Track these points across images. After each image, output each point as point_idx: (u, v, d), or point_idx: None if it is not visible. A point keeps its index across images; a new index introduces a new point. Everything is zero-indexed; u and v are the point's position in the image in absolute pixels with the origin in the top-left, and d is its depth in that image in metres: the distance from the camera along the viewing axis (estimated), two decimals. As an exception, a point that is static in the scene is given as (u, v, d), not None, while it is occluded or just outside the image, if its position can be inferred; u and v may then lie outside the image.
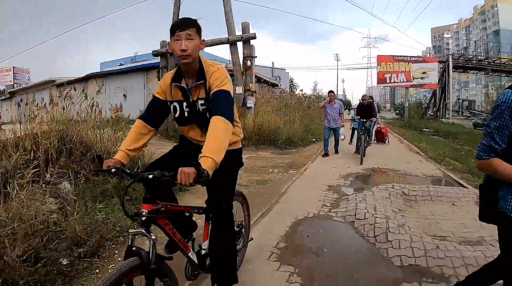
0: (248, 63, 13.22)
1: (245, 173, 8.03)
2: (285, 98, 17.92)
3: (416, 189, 6.38)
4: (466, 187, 6.90)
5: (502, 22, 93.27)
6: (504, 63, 41.66)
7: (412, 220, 5.02)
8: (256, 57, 13.80)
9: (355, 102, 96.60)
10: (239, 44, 13.72)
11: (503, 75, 45.00)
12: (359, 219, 4.86)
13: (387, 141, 13.34)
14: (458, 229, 4.73)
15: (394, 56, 35.08)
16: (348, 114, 56.61)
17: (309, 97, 32.35)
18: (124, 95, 19.71)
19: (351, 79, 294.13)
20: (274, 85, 27.31)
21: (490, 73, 44.75)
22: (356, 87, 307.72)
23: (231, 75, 15.71)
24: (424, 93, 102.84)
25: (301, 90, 39.20)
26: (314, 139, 14.69)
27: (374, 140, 13.50)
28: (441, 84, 38.17)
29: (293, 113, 16.16)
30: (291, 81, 62.36)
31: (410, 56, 35.25)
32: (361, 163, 9.12)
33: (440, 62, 38.31)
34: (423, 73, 34.62)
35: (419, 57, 36.56)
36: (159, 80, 15.89)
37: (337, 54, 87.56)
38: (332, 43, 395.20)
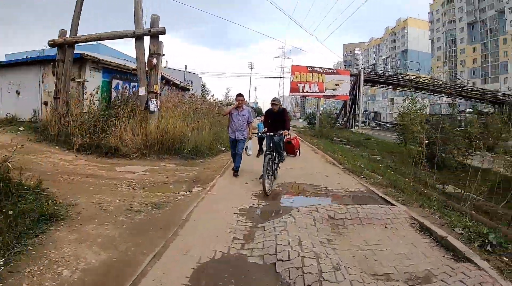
0: (154, 61, 11.51)
1: (140, 191, 6.53)
2: (194, 103, 16.47)
3: (343, 211, 5.50)
4: (394, 205, 6.20)
5: (410, 43, 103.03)
6: (412, 79, 44.43)
7: (345, 254, 4.14)
8: (163, 55, 12.15)
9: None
10: (146, 40, 12.03)
11: (410, 90, 47.96)
12: (282, 260, 3.69)
13: (298, 153, 12.15)
14: (400, 262, 4.03)
15: (308, 67, 35.38)
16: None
17: (221, 103, 31.40)
18: (17, 91, 16.74)
19: (263, 88, 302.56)
20: (185, 89, 25.64)
21: (398, 88, 47.51)
22: (268, 96, 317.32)
23: (135, 75, 14.06)
24: (334, 103, 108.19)
25: (212, 95, 38.07)
26: (223, 149, 13.32)
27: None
28: (351, 96, 39.49)
29: (202, 119, 14.65)
30: (204, 86, 60.89)
31: (324, 68, 35.84)
32: (267, 194, 6.73)
33: (352, 75, 39.78)
34: (336, 84, 35.33)
35: (333, 69, 37.58)
36: (53, 75, 13.53)
37: (251, 62, 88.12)
38: (247, 52, 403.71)
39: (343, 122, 42.21)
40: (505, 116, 23.65)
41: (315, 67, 35.41)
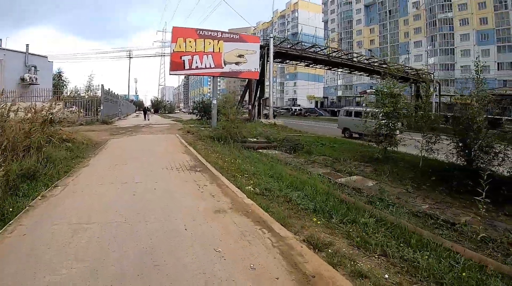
0: None
1: None
2: None
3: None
4: None
5: (302, 26, 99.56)
6: (332, 53, 35.31)
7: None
8: None
9: (148, 103, 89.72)
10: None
11: (326, 67, 39.26)
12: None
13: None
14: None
15: (198, 29, 23.21)
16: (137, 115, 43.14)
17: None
18: None
19: (144, 80, 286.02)
20: None
21: (311, 64, 38.09)
22: (151, 87, 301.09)
23: None
24: (220, 87, 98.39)
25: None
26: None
27: None
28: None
29: None
30: (59, 75, 45.42)
31: (222, 31, 23.87)
32: None
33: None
34: (239, 56, 23.90)
35: (234, 33, 25.38)
36: None
37: (130, 50, 74.81)
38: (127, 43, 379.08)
39: (248, 111, 31.37)
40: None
41: (209, 31, 23.47)
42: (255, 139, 17.17)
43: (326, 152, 14.74)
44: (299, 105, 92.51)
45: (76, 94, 29.69)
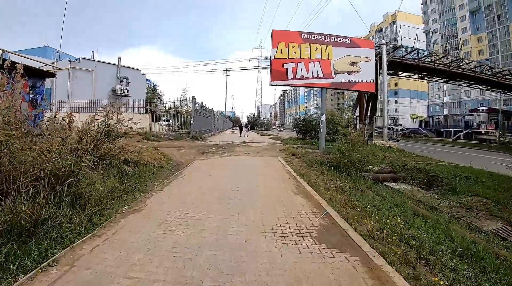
0: None
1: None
2: None
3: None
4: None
5: (401, 39, 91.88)
6: (450, 63, 29.31)
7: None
8: None
9: (244, 119, 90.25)
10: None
11: (442, 79, 33.11)
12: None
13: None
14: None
15: (301, 32, 19.56)
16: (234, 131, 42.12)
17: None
18: None
19: (241, 98, 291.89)
20: (44, 76, 10.29)
21: (427, 76, 32.46)
22: (247, 104, 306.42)
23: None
24: (316, 102, 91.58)
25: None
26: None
27: None
28: (371, 86, 24.03)
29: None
30: (154, 88, 46.24)
31: (329, 35, 19.92)
32: None
33: (370, 51, 23.90)
34: (352, 63, 19.76)
35: (344, 37, 21.19)
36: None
37: (226, 69, 77.06)
38: (224, 64, 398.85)
39: (358, 128, 26.86)
40: None
41: (314, 34, 19.73)
42: (378, 168, 13.08)
43: (477, 190, 10.06)
44: (401, 125, 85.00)
45: (173, 106, 28.35)
